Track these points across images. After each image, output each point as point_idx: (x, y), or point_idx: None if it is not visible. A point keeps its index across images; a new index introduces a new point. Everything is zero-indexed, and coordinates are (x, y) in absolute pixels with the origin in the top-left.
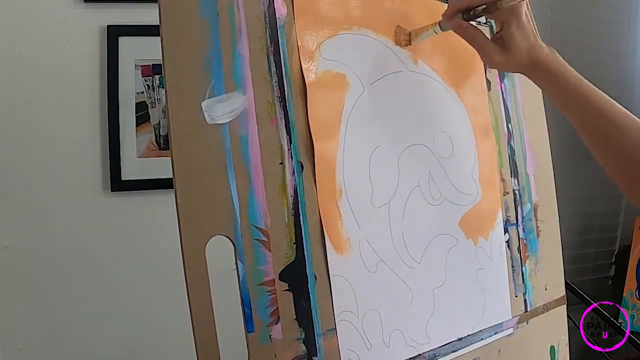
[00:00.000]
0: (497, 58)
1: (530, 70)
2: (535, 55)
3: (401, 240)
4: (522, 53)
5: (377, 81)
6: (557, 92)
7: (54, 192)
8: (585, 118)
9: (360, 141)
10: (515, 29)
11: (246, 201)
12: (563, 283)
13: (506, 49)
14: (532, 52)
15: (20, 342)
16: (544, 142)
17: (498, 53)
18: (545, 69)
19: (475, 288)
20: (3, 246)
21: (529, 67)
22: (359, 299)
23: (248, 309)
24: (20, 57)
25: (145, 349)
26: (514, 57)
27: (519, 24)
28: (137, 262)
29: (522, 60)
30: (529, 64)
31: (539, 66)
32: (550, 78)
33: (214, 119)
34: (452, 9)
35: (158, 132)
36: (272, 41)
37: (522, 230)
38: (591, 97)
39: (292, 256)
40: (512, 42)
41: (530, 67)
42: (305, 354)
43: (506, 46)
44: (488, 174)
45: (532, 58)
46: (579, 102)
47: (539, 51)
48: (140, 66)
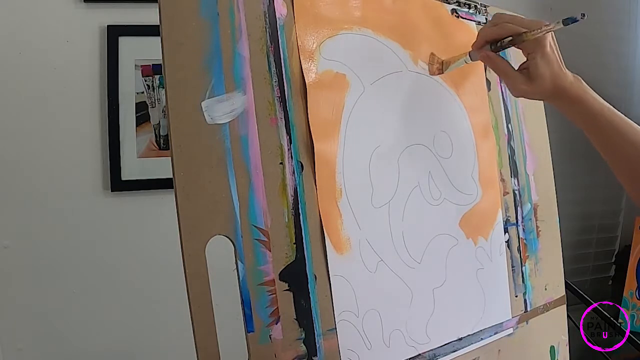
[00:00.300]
0: (522, 87)
1: (555, 98)
2: (559, 84)
3: (401, 240)
4: (546, 82)
5: (377, 81)
6: (581, 118)
7: (54, 192)
8: (608, 142)
9: (361, 141)
10: (540, 60)
11: (246, 201)
12: (563, 283)
13: (531, 78)
14: (556, 81)
15: (20, 342)
16: (544, 142)
17: (524, 82)
18: (568, 96)
19: (475, 288)
20: (3, 246)
21: (553, 95)
22: (359, 299)
23: (248, 309)
24: (20, 57)
25: (145, 349)
26: (538, 86)
27: (544, 55)
28: (137, 262)
29: (547, 89)
30: (553, 92)
31: (562, 94)
32: (573, 105)
33: (214, 119)
34: (481, 40)
35: (158, 132)
36: (272, 41)
37: (522, 230)
38: (614, 122)
39: (292, 256)
40: (537, 72)
41: (555, 95)
42: (305, 354)
43: (531, 76)
44: (488, 174)
45: (556, 87)
46: (602, 127)
47: (563, 80)
48: (140, 66)
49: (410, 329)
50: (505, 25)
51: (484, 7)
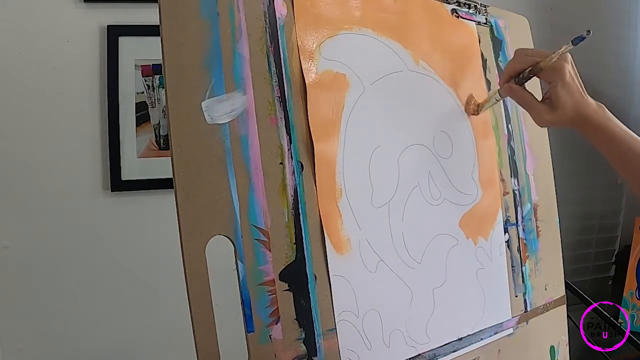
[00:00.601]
0: (546, 117)
1: (577, 125)
2: (581, 111)
3: (401, 240)
4: (568, 110)
5: (377, 81)
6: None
7: (54, 192)
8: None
9: (361, 141)
10: (560, 89)
11: (246, 201)
12: (563, 283)
13: (554, 108)
14: (578, 109)
15: (20, 342)
16: (544, 142)
17: (547, 112)
18: (592, 123)
19: (475, 288)
20: (3, 246)
21: (577, 122)
22: (359, 299)
23: (248, 309)
24: (20, 57)
25: (145, 349)
26: (561, 114)
27: (564, 84)
28: (137, 262)
29: (569, 117)
30: (577, 120)
31: (586, 121)
32: (597, 132)
33: (214, 119)
34: (505, 76)
35: (158, 132)
36: (272, 41)
37: (522, 230)
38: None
39: (292, 256)
40: (558, 102)
41: (578, 122)
42: (305, 354)
43: (554, 105)
44: (488, 174)
45: (579, 114)
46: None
47: (586, 107)
48: (140, 66)
49: (410, 329)
50: (524, 57)
51: (483, 7)
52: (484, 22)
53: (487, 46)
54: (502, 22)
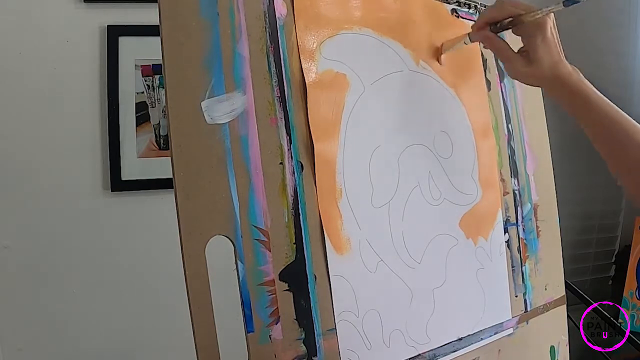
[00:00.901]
0: (521, 69)
1: (552, 85)
2: (557, 70)
3: (401, 240)
4: (545, 67)
5: (377, 81)
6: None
7: (54, 192)
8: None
9: (361, 141)
10: (540, 43)
11: (246, 201)
12: (563, 283)
13: (530, 61)
14: (554, 68)
15: (20, 342)
16: (544, 142)
17: (522, 65)
18: (567, 85)
19: (475, 288)
20: (3, 246)
21: (551, 81)
22: (359, 299)
23: (248, 309)
24: (20, 57)
25: (145, 349)
26: (537, 69)
27: (544, 39)
28: (137, 262)
29: (545, 74)
30: (551, 79)
31: (561, 82)
32: (571, 95)
33: (214, 119)
34: (481, 21)
35: (158, 132)
36: (272, 41)
37: (522, 230)
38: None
39: (292, 256)
40: (536, 56)
41: (552, 81)
42: (305, 354)
43: (531, 59)
44: (488, 174)
45: (554, 73)
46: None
47: (562, 68)
48: (140, 66)
49: (410, 329)
50: (506, 6)
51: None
52: None
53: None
54: None
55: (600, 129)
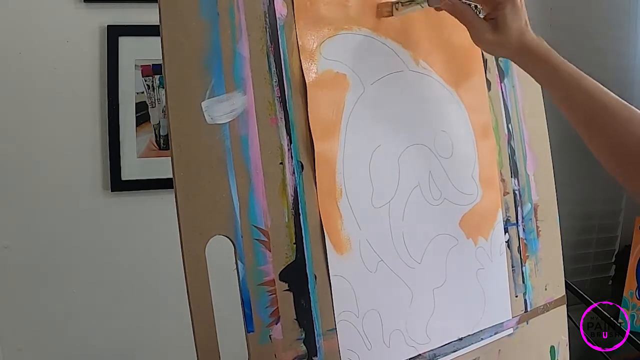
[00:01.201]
0: (488, 37)
1: (519, 54)
2: (525, 39)
3: (401, 240)
4: (512, 35)
5: (377, 81)
6: (547, 77)
7: (54, 192)
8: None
9: (361, 141)
10: (509, 10)
11: (246, 201)
12: (563, 283)
13: (498, 28)
14: (522, 36)
15: (20, 342)
16: (544, 142)
17: (489, 32)
18: (534, 53)
19: (475, 288)
20: (3, 246)
21: (518, 50)
22: (359, 299)
23: (248, 309)
24: (20, 57)
25: (145, 349)
26: (504, 37)
27: (514, 6)
28: (137, 262)
29: (512, 42)
30: (519, 47)
31: (528, 50)
32: (539, 63)
33: (214, 119)
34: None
35: (158, 132)
36: (272, 41)
37: (522, 230)
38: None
39: (292, 256)
40: (504, 23)
41: (520, 50)
42: (305, 354)
43: (498, 26)
44: (488, 174)
45: (521, 42)
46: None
47: (529, 36)
48: (140, 66)
49: (410, 329)
50: None
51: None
52: None
53: None
54: None
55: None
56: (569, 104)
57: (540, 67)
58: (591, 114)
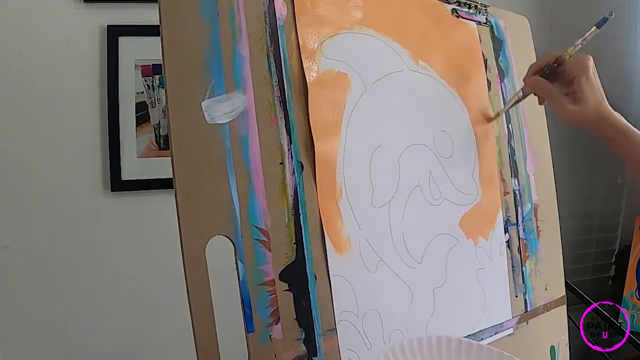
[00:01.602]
0: (570, 108)
1: (600, 125)
2: (603, 109)
3: (401, 240)
4: (591, 105)
5: (378, 81)
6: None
7: (54, 192)
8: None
9: (361, 141)
10: (584, 83)
11: (246, 201)
12: (563, 283)
13: (578, 100)
14: (600, 107)
15: (20, 342)
16: (544, 142)
17: (570, 104)
18: (613, 123)
19: (475, 288)
20: (3, 246)
21: (598, 120)
22: (359, 299)
23: (248, 309)
24: (20, 57)
25: (145, 348)
26: (583, 108)
27: (588, 79)
28: (137, 262)
29: (591, 112)
30: (598, 117)
31: (606, 120)
32: (617, 132)
33: (214, 119)
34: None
35: (158, 132)
36: (272, 41)
37: (522, 230)
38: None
39: (292, 256)
40: (582, 95)
41: (599, 120)
42: (305, 354)
43: (577, 98)
44: (488, 174)
45: (600, 112)
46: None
47: (606, 107)
48: (140, 66)
49: (410, 329)
50: (547, 54)
51: (483, 7)
52: (484, 22)
53: (488, 46)
54: (503, 22)
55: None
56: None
57: (615, 135)
58: None
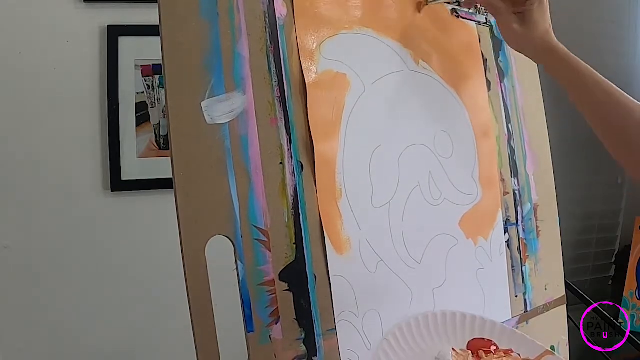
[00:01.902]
0: (516, 29)
1: (543, 53)
2: (549, 37)
3: (401, 240)
4: (539, 31)
5: (377, 81)
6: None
7: (54, 192)
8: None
9: (361, 141)
10: (536, 7)
11: (246, 201)
12: (563, 283)
13: (525, 22)
14: (546, 35)
15: (20, 342)
16: (544, 142)
17: (517, 23)
18: (558, 53)
19: (475, 288)
20: (3, 246)
21: (542, 48)
22: (359, 299)
23: (248, 309)
24: (20, 57)
25: (145, 348)
26: (530, 32)
27: (541, 4)
28: (137, 262)
29: (537, 39)
30: (543, 45)
31: (552, 49)
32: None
33: (214, 119)
34: None
35: (158, 132)
36: (272, 41)
37: (522, 230)
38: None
39: (292, 256)
40: (530, 18)
41: (543, 48)
42: (305, 354)
43: (525, 20)
44: (488, 174)
45: (545, 40)
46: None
47: (552, 37)
48: (140, 66)
49: None
50: None
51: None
52: (484, 22)
53: (487, 46)
54: None
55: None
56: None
57: (561, 66)
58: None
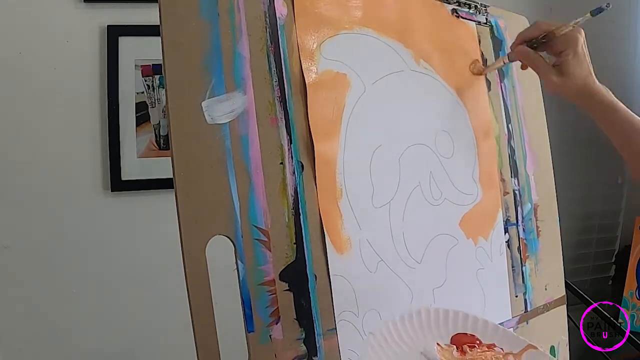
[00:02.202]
0: (554, 79)
1: (585, 99)
2: (589, 83)
3: (401, 240)
4: (577, 79)
5: (378, 81)
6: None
7: (54, 192)
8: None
9: (361, 141)
10: (572, 58)
11: (246, 201)
12: (563, 283)
13: (562, 73)
14: (586, 81)
15: (20, 342)
16: (544, 142)
17: (556, 75)
18: (599, 98)
19: (475, 288)
20: (3, 246)
21: (583, 94)
22: (359, 299)
23: (248, 308)
24: (20, 57)
25: (145, 348)
26: (570, 82)
27: (576, 54)
28: (137, 262)
29: (577, 86)
30: (584, 91)
31: (593, 95)
32: (602, 107)
33: (214, 119)
34: (518, 40)
35: (158, 132)
36: (272, 41)
37: (522, 230)
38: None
39: (293, 256)
40: (568, 69)
41: (585, 95)
42: (305, 354)
43: (563, 72)
44: (488, 174)
45: (586, 86)
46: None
47: (593, 82)
48: (140, 66)
49: None
50: (539, 24)
51: (484, 7)
52: (484, 22)
53: (488, 46)
54: (503, 22)
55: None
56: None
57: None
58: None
